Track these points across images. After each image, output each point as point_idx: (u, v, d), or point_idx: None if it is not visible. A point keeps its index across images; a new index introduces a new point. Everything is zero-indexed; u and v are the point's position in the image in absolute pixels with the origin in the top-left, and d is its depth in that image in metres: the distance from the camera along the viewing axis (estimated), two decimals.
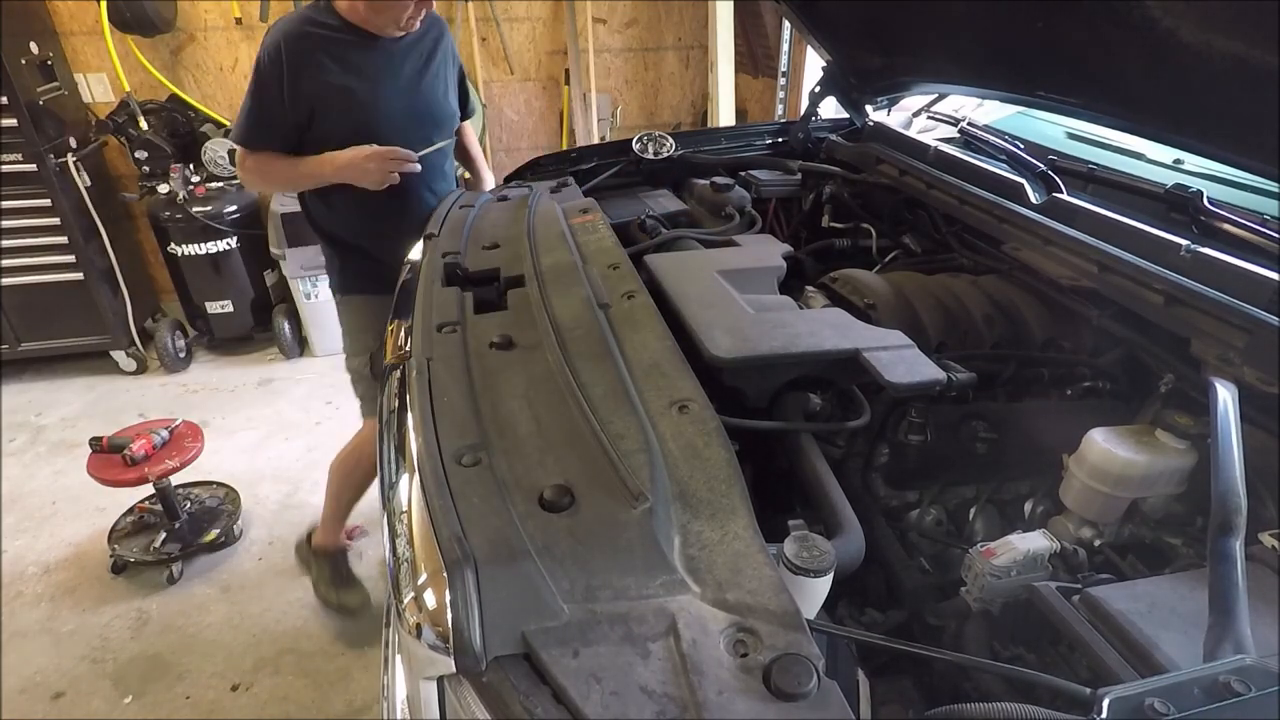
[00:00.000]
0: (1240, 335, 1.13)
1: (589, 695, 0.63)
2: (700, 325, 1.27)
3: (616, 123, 4.74)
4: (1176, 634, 0.85)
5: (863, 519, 1.07)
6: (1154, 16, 1.17)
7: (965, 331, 1.51)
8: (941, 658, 0.86)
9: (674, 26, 4.65)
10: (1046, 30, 1.42)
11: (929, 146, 1.95)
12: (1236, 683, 0.67)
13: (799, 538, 0.84)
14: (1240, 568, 0.81)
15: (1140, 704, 0.65)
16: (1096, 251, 1.38)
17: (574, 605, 0.71)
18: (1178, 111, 1.34)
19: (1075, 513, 1.16)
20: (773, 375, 1.25)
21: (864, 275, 1.61)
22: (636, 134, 2.25)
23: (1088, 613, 0.90)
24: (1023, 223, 1.56)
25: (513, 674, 0.71)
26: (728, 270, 1.49)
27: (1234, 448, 0.91)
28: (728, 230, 1.86)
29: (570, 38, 4.40)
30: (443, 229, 1.72)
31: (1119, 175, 1.69)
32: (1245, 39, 1.08)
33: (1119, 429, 1.15)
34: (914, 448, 1.31)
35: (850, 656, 0.94)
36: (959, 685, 0.96)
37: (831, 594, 0.85)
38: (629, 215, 1.94)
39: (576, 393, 1.01)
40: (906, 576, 1.17)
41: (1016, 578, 1.00)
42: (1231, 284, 1.18)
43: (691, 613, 0.71)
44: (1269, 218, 1.39)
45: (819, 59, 2.26)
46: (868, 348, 1.22)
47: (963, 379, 1.23)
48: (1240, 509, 0.85)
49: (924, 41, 1.91)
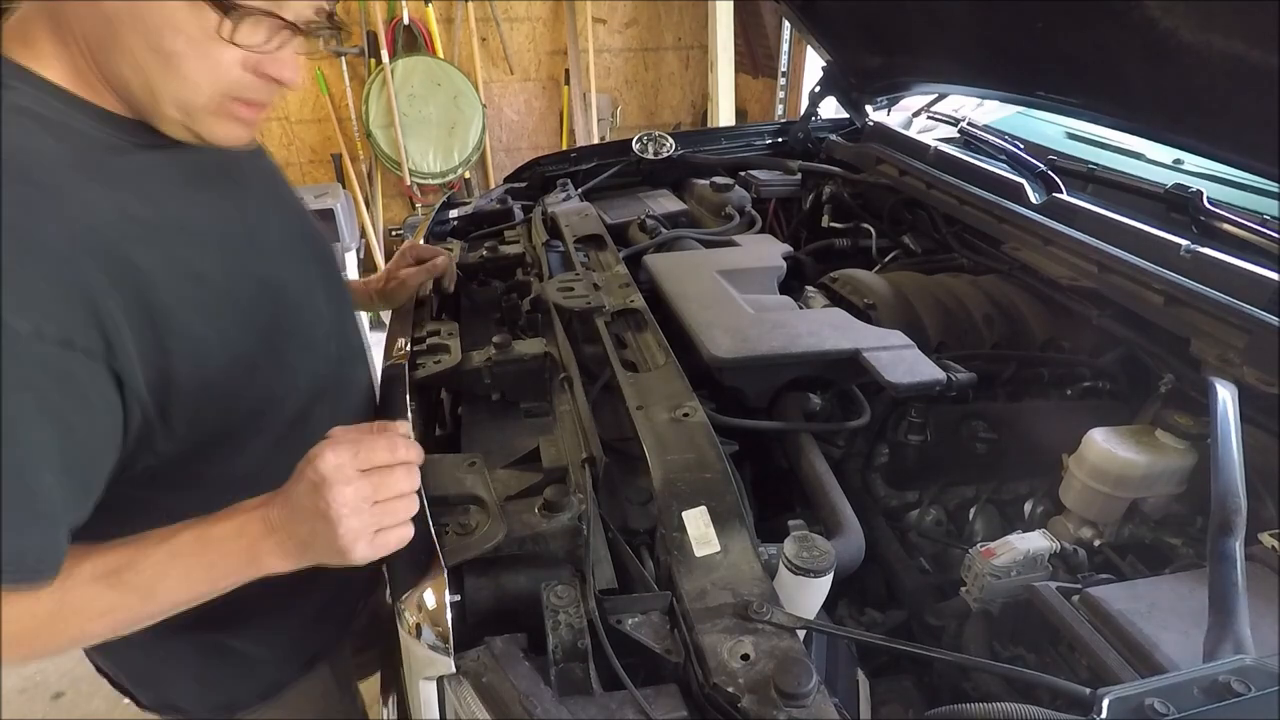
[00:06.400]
0: (1240, 335, 1.13)
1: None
2: (700, 325, 1.27)
3: (616, 123, 4.74)
4: (1176, 634, 0.85)
5: (863, 519, 1.07)
6: (1154, 16, 1.17)
7: (965, 331, 1.51)
8: (941, 658, 0.86)
9: (674, 26, 4.64)
10: (1046, 30, 1.42)
11: (929, 146, 1.95)
12: (1236, 683, 0.67)
13: (799, 538, 0.84)
14: (1240, 568, 0.81)
15: (1140, 704, 0.65)
16: (1096, 251, 1.38)
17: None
18: (1178, 111, 1.34)
19: (1075, 513, 1.16)
20: (773, 375, 1.25)
21: (864, 275, 1.61)
22: (636, 134, 2.25)
23: (1088, 613, 0.90)
24: (1023, 223, 1.56)
25: (513, 674, 0.72)
26: (727, 270, 1.49)
27: (1234, 448, 0.91)
28: (728, 230, 1.86)
29: (570, 38, 4.40)
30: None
31: (1119, 175, 1.69)
32: (1245, 39, 1.08)
33: (1119, 429, 1.15)
34: (914, 448, 1.31)
35: (850, 656, 0.94)
36: (959, 685, 0.96)
37: (831, 594, 0.86)
38: (629, 215, 1.93)
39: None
40: (906, 576, 1.17)
41: (1016, 578, 1.00)
42: (1231, 284, 1.18)
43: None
44: (1269, 218, 1.39)
45: (819, 59, 2.26)
46: (868, 348, 1.22)
47: (963, 379, 1.23)
48: (1240, 509, 0.85)
49: (924, 41, 1.91)
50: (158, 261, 0.75)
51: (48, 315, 0.64)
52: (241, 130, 0.81)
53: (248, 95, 0.78)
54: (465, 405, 1.23)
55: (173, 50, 0.71)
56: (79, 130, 0.75)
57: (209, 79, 0.74)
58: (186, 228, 0.81)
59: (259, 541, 0.73)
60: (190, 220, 0.82)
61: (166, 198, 0.80)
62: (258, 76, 0.77)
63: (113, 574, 0.70)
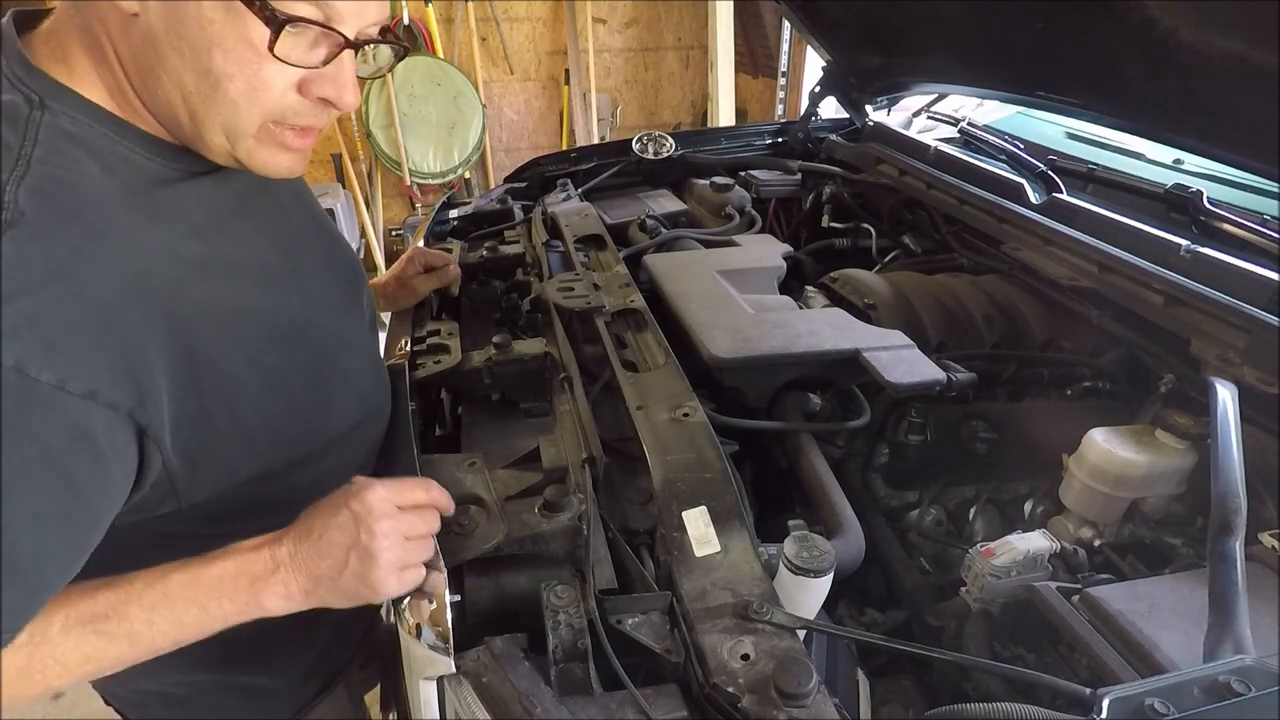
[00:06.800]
0: (1240, 335, 1.13)
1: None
2: (700, 325, 1.27)
3: (616, 123, 4.74)
4: (1176, 634, 0.85)
5: (863, 519, 1.07)
6: (1154, 16, 1.17)
7: (965, 331, 1.51)
8: (941, 658, 0.86)
9: (674, 26, 4.64)
10: (1046, 30, 1.42)
11: (929, 146, 1.95)
12: (1236, 683, 0.67)
13: (799, 538, 0.84)
14: (1240, 568, 0.81)
15: (1140, 704, 0.65)
16: (1096, 251, 1.38)
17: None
18: (1178, 111, 1.34)
19: (1075, 513, 1.16)
20: (773, 375, 1.25)
21: (864, 275, 1.61)
22: (636, 134, 2.25)
23: (1088, 613, 0.90)
24: (1023, 223, 1.56)
25: (513, 674, 0.72)
26: (728, 270, 1.50)
27: (1234, 448, 0.91)
28: (728, 230, 1.86)
29: (570, 38, 4.40)
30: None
31: (1119, 175, 1.69)
32: (1245, 39, 1.08)
33: (1119, 429, 1.15)
34: (914, 448, 1.31)
35: (850, 656, 0.94)
36: (959, 685, 0.96)
37: (831, 594, 0.86)
38: (629, 215, 1.93)
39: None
40: (906, 576, 1.17)
41: (1016, 578, 1.00)
42: (1231, 284, 1.18)
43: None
44: (1269, 218, 1.39)
45: (819, 59, 2.26)
46: (868, 348, 1.22)
47: (963, 379, 1.23)
48: (1240, 509, 0.85)
49: (924, 41, 1.91)
50: (206, 301, 0.72)
51: (77, 365, 0.61)
52: (290, 160, 0.75)
53: (299, 120, 0.72)
54: (465, 405, 1.23)
55: (220, 71, 0.66)
56: (128, 159, 0.71)
57: (258, 101, 0.68)
58: (235, 262, 0.78)
59: (263, 581, 0.70)
60: (238, 253, 0.79)
61: (214, 230, 0.77)
62: (311, 99, 0.71)
63: (99, 619, 0.67)
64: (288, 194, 0.92)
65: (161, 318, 0.68)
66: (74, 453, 0.62)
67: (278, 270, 0.84)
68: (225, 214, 0.79)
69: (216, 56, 0.65)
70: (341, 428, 0.90)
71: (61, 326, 0.61)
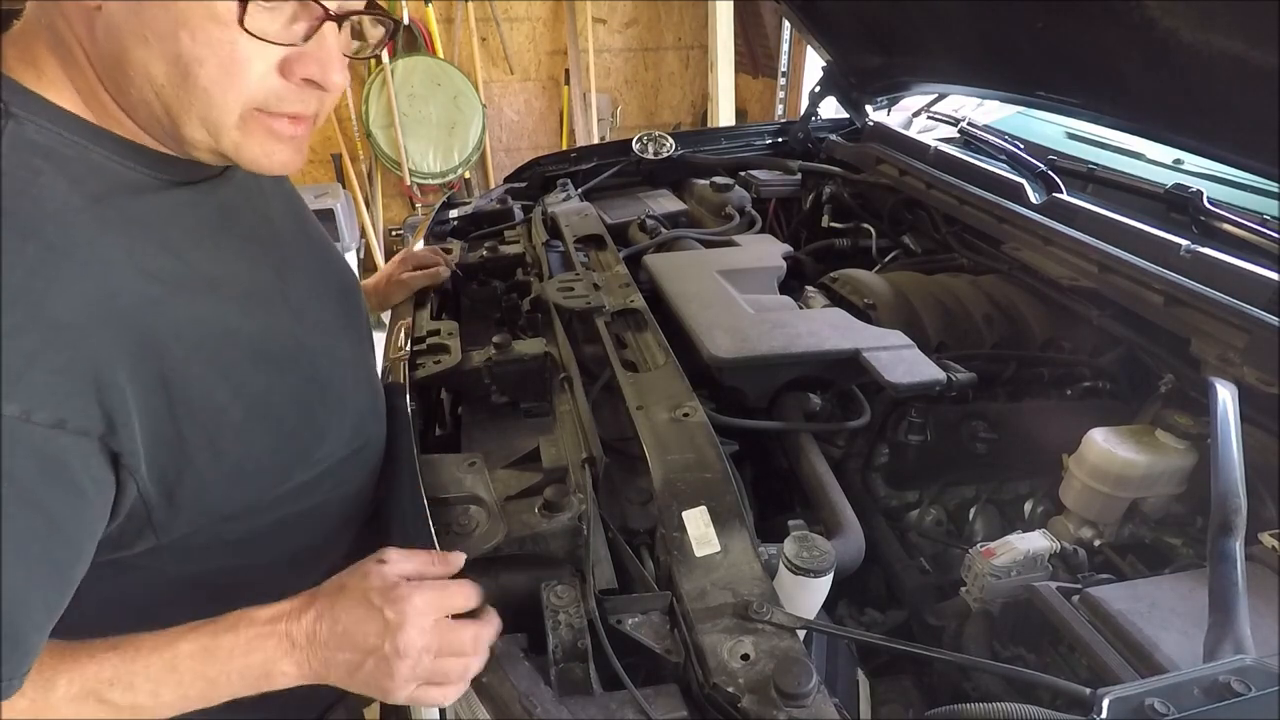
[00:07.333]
0: (1240, 335, 1.13)
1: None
2: (700, 325, 1.27)
3: (616, 123, 4.74)
4: (1176, 634, 0.85)
5: (863, 519, 1.07)
6: (1154, 16, 1.17)
7: (965, 331, 1.51)
8: (941, 658, 0.86)
9: (674, 26, 4.64)
10: (1046, 30, 1.42)
11: (929, 146, 1.95)
12: (1236, 683, 0.67)
13: (799, 538, 0.84)
14: (1240, 568, 0.81)
15: (1140, 704, 0.65)
16: (1096, 251, 1.38)
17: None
18: (1178, 111, 1.34)
19: (1075, 513, 1.16)
20: (773, 375, 1.25)
21: (864, 275, 1.61)
22: (636, 134, 2.25)
23: (1088, 613, 0.90)
24: (1023, 223, 1.56)
25: (513, 674, 0.72)
26: (727, 270, 1.50)
27: (1234, 448, 0.91)
28: (728, 230, 1.86)
29: (570, 38, 4.40)
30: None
31: (1119, 175, 1.69)
32: (1245, 39, 1.08)
33: (1119, 429, 1.15)
34: (914, 448, 1.31)
35: (850, 656, 0.94)
36: (959, 685, 0.96)
37: (831, 594, 0.86)
38: (629, 215, 1.93)
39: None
40: (906, 576, 1.17)
41: (1016, 578, 1.00)
42: (1231, 284, 1.18)
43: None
44: (1269, 218, 1.39)
45: (819, 59, 2.26)
46: (868, 348, 1.22)
47: (963, 379, 1.23)
48: (1240, 509, 0.85)
49: (924, 41, 1.91)
50: (182, 322, 0.67)
51: (42, 396, 0.57)
52: (283, 151, 0.69)
53: (286, 107, 0.67)
54: (465, 405, 1.23)
55: (189, 56, 0.61)
56: (99, 166, 0.66)
57: (233, 86, 0.63)
58: (216, 280, 0.72)
59: (276, 660, 0.67)
60: (220, 271, 0.73)
61: (193, 246, 0.71)
62: (295, 81, 0.66)
63: (104, 686, 0.63)
64: (279, 207, 0.87)
65: (131, 340, 0.63)
66: (48, 486, 0.59)
67: (265, 289, 0.78)
68: (207, 228, 0.74)
69: (184, 39, 0.60)
70: (336, 455, 0.84)
71: (20, 354, 0.56)
